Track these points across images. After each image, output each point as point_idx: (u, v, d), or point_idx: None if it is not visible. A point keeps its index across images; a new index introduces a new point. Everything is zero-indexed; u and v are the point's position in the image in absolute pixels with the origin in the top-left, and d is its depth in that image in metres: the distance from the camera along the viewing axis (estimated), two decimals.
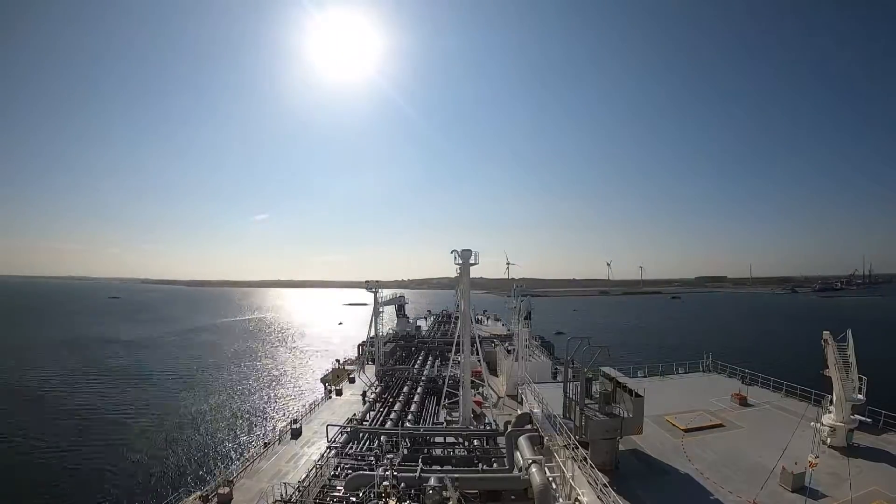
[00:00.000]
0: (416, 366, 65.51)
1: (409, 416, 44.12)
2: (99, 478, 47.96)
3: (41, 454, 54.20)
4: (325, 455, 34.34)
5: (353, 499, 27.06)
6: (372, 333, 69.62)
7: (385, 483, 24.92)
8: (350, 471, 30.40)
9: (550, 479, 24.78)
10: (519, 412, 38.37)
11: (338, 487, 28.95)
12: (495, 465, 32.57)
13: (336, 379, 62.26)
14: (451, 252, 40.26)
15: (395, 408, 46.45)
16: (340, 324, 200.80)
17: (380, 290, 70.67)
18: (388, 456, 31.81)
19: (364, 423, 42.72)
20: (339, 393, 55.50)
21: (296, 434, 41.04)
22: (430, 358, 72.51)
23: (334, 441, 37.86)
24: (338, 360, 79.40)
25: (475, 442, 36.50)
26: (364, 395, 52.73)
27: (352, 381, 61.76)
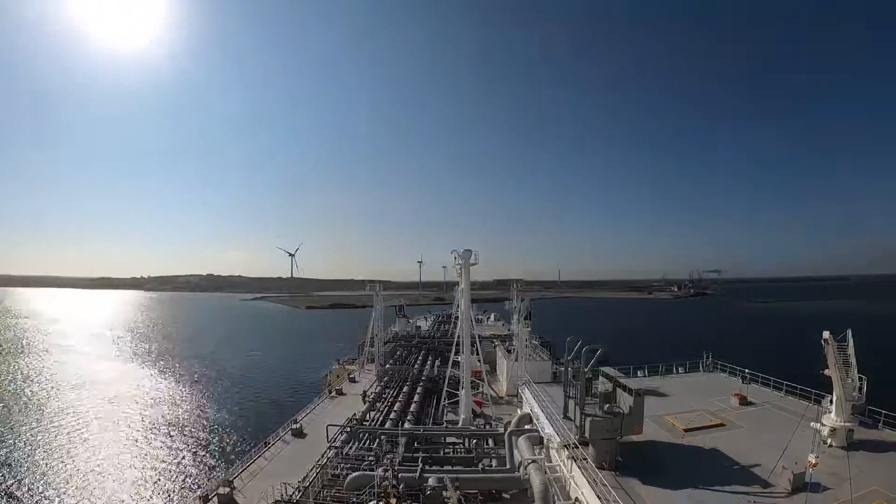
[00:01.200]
0: (416, 366, 65.52)
1: (410, 416, 44.09)
2: (99, 479, 48.04)
3: (40, 455, 54.27)
4: (325, 455, 34.35)
5: (354, 499, 27.15)
6: (372, 334, 69.66)
7: (385, 483, 24.93)
8: (350, 471, 30.42)
9: (550, 478, 24.82)
10: (519, 412, 38.41)
11: (338, 487, 29.00)
12: (495, 465, 32.56)
13: (336, 379, 62.35)
14: (452, 252, 40.21)
15: (396, 408, 46.42)
16: None
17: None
18: (388, 456, 31.81)
19: (364, 423, 42.70)
20: (339, 393, 55.56)
21: (296, 434, 41.14)
22: (430, 358, 72.49)
23: (334, 441, 37.86)
24: (338, 360, 79.48)
25: (475, 442, 36.51)
26: (364, 394, 52.68)
27: (352, 380, 61.85)
